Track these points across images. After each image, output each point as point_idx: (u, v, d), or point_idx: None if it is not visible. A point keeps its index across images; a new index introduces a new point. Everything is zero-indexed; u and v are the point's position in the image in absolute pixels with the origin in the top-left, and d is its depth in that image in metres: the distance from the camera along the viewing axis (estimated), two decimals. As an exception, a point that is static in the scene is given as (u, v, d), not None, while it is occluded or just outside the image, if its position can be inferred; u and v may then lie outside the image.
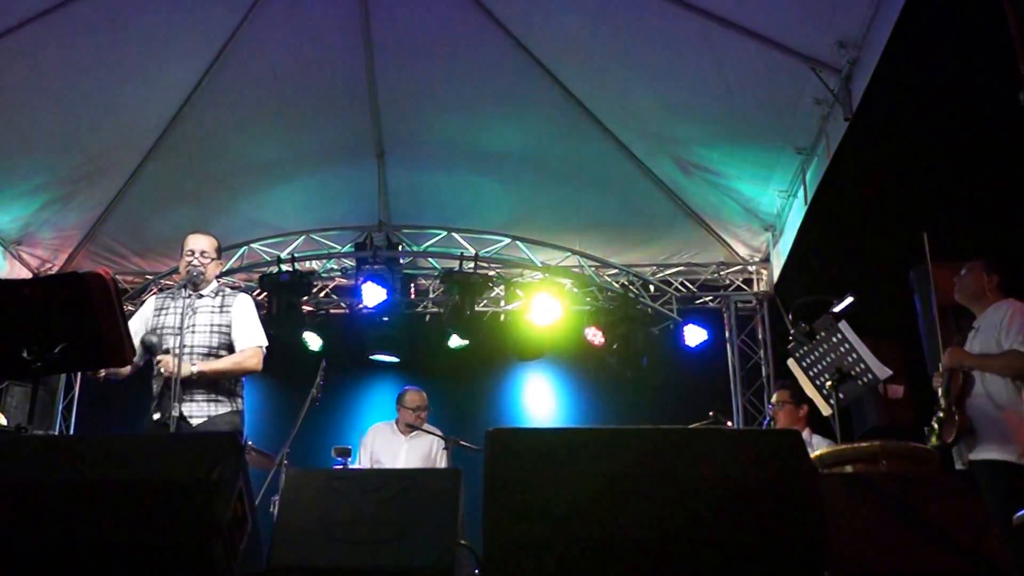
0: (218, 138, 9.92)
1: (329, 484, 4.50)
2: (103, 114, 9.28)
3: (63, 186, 10.05)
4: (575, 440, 3.72)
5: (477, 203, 10.74)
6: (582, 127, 9.70)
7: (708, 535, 3.42)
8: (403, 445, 8.94)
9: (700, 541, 3.40)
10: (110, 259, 11.10)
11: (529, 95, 9.47)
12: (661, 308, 11.16)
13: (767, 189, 9.72)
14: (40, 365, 4.71)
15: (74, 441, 5.63)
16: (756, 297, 11.46)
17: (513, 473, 3.59)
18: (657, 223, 10.81)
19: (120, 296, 4.92)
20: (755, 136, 9.03)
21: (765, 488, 3.46)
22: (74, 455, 3.97)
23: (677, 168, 10.05)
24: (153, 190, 10.36)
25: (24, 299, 4.80)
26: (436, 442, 8.92)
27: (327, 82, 9.42)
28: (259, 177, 10.38)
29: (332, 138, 10.01)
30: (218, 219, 10.10)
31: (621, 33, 8.51)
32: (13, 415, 9.35)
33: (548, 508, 3.48)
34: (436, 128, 9.94)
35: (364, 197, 10.47)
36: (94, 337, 4.80)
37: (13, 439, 5.75)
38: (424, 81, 9.47)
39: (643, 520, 3.44)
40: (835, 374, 6.03)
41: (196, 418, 5.88)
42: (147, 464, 3.84)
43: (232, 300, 6.25)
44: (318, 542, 4.11)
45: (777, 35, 7.75)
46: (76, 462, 3.89)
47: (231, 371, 6.07)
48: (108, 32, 8.41)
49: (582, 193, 10.54)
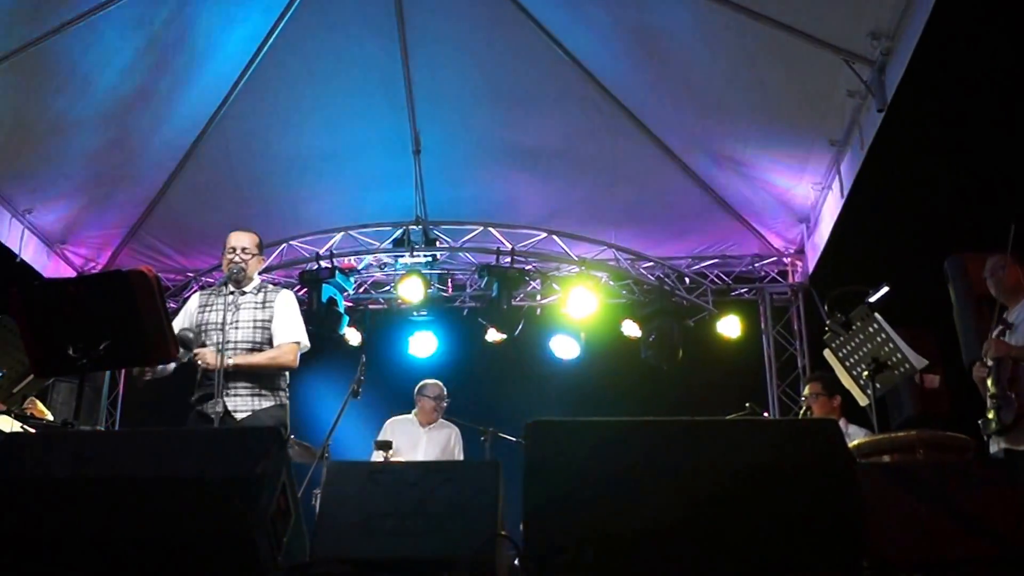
0: (257, 136, 10.03)
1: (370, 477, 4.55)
2: (144, 113, 9.40)
3: (105, 186, 10.19)
4: (614, 431, 3.77)
5: (513, 198, 10.80)
6: (616, 121, 9.75)
7: (748, 525, 3.46)
8: (422, 437, 9.02)
9: (740, 531, 3.44)
10: (152, 257, 11.23)
11: (563, 90, 9.53)
12: (696, 300, 11.16)
13: (801, 181, 9.72)
14: (86, 362, 4.80)
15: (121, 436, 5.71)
16: (791, 289, 11.44)
17: (553, 464, 3.63)
18: (692, 216, 10.83)
19: (163, 293, 5.01)
20: (788, 128, 9.04)
21: (803, 477, 3.49)
22: (121, 450, 4.05)
23: (711, 161, 10.08)
24: (193, 188, 10.49)
25: (70, 297, 4.89)
26: (454, 433, 9.08)
27: (364, 80, 9.51)
28: (298, 175, 10.46)
29: (369, 135, 10.09)
30: (257, 216, 10.20)
31: (654, 27, 8.54)
32: (59, 411, 9.47)
33: (588, 499, 3.53)
34: (472, 124, 10.02)
35: (401, 193, 10.51)
36: (138, 334, 4.88)
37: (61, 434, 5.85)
38: (459, 77, 9.55)
39: (683, 510, 3.48)
40: (871, 364, 6.04)
41: (240, 412, 5.96)
42: (192, 459, 3.90)
43: (274, 296, 6.31)
44: (359, 534, 4.16)
45: (809, 27, 7.75)
46: (123, 457, 3.97)
47: (266, 365, 6.12)
48: (148, 35, 8.53)
49: (617, 187, 10.57)
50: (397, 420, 9.12)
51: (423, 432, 9.05)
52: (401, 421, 9.12)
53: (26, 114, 8.83)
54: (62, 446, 4.15)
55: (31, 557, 3.67)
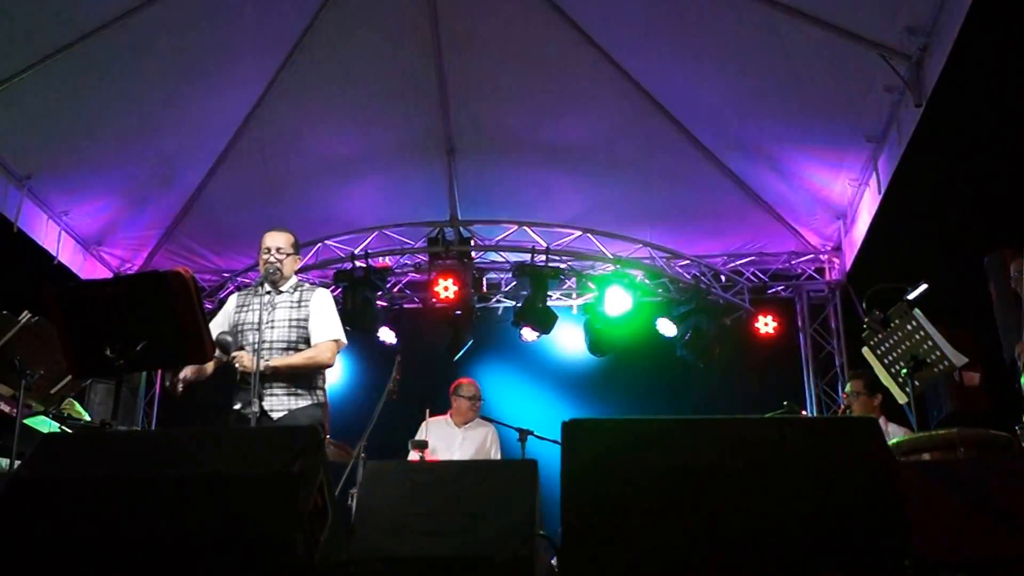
0: (290, 137, 10.06)
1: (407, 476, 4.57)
2: (177, 116, 9.46)
3: (140, 188, 10.27)
4: (652, 430, 3.74)
5: (547, 196, 10.78)
6: (650, 118, 9.71)
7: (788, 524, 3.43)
8: (458, 437, 9.00)
9: (780, 531, 3.41)
10: (187, 258, 11.30)
11: (596, 87, 9.50)
12: (733, 298, 11.11)
13: (838, 177, 9.65)
14: (123, 363, 4.81)
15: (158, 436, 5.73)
16: (828, 286, 11.38)
17: (590, 463, 3.61)
18: (727, 213, 10.77)
19: (200, 294, 5.01)
20: (825, 125, 8.98)
21: (844, 476, 3.45)
22: (158, 450, 4.06)
23: (747, 158, 10.02)
24: (228, 189, 10.55)
25: (107, 298, 4.90)
26: (490, 433, 9.05)
27: (397, 79, 9.51)
28: (332, 175, 10.49)
29: (403, 135, 10.11)
30: (292, 217, 10.23)
31: (687, 23, 8.50)
32: (97, 411, 9.55)
33: (626, 498, 3.51)
34: (505, 122, 10.01)
35: (435, 192, 10.54)
36: (175, 334, 4.88)
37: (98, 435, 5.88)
38: (492, 76, 9.54)
39: (721, 509, 3.45)
40: (910, 362, 5.98)
41: (277, 412, 5.96)
42: (230, 458, 3.91)
43: (310, 295, 6.29)
44: (397, 533, 4.16)
45: (845, 22, 7.68)
46: (160, 457, 3.98)
47: (303, 365, 6.10)
48: (180, 35, 8.56)
49: (652, 184, 10.54)
50: (433, 421, 9.11)
51: (459, 432, 9.04)
52: (437, 422, 9.11)
53: (61, 117, 8.90)
54: (100, 446, 4.17)
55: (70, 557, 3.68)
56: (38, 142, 9.08)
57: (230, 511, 3.64)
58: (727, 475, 3.50)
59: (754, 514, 3.44)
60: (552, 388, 11.57)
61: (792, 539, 3.41)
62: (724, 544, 3.43)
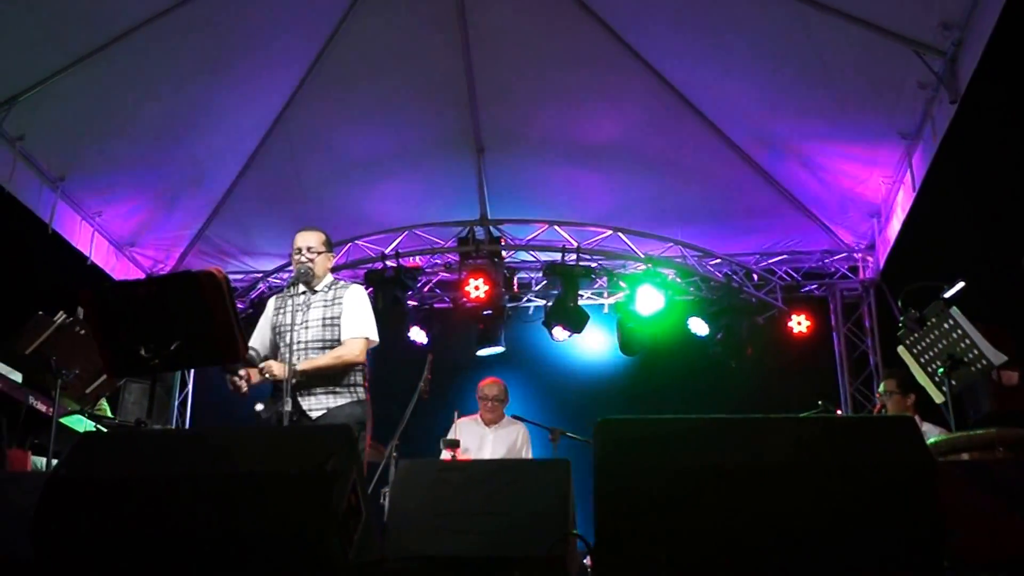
0: (320, 137, 10.09)
1: (440, 475, 4.56)
2: (208, 117, 9.51)
3: (172, 188, 10.33)
4: (685, 429, 3.72)
5: (577, 195, 10.76)
6: (680, 116, 9.67)
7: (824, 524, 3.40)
8: (488, 436, 8.99)
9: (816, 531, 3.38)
10: (219, 258, 11.36)
11: (626, 85, 9.47)
12: (765, 297, 11.06)
13: (871, 174, 9.58)
14: (158, 362, 4.84)
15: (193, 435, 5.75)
16: (862, 284, 11.31)
17: (623, 462, 3.60)
18: (760, 211, 10.71)
19: (232, 293, 5.02)
20: (857, 121, 8.91)
21: (881, 475, 3.42)
22: (194, 449, 4.08)
23: (778, 155, 9.97)
24: (258, 189, 10.59)
25: (141, 298, 4.94)
26: (520, 432, 9.03)
27: (426, 79, 9.52)
28: (361, 174, 10.50)
29: (432, 134, 10.11)
30: (322, 216, 10.23)
31: (717, 20, 8.47)
32: (131, 411, 9.61)
33: (659, 497, 3.49)
34: (534, 121, 10.00)
35: (465, 192, 10.54)
36: (208, 334, 4.91)
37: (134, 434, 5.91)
38: (521, 74, 9.53)
39: (756, 509, 3.43)
40: (947, 361, 5.93)
41: (315, 411, 5.96)
42: (264, 456, 3.92)
43: (344, 292, 6.28)
44: (430, 532, 4.16)
45: (877, 18, 7.62)
46: (196, 455, 4.00)
47: (331, 366, 6.07)
48: (211, 37, 8.61)
49: (683, 182, 10.49)
50: (463, 421, 9.11)
51: (489, 432, 9.03)
52: (467, 422, 9.11)
53: (94, 118, 8.95)
54: (136, 445, 4.19)
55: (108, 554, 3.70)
56: (71, 144, 9.14)
57: (265, 509, 3.65)
58: (762, 474, 3.48)
59: (790, 514, 3.41)
60: (583, 388, 11.53)
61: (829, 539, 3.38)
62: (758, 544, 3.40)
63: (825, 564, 3.36)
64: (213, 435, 4.28)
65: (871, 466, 3.47)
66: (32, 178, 9.16)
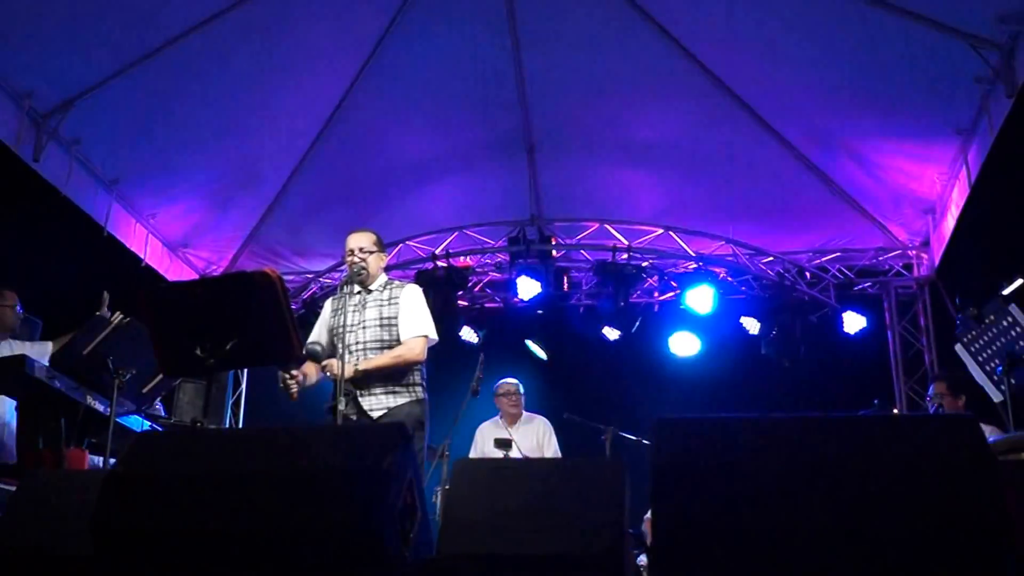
0: (371, 138, 10.12)
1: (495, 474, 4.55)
2: (260, 119, 9.58)
3: (225, 190, 10.42)
4: (744, 428, 3.69)
5: (628, 194, 10.74)
6: (731, 113, 9.61)
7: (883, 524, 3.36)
8: (513, 436, 8.97)
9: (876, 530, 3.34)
10: (271, 259, 11.44)
11: (676, 83, 9.42)
12: (818, 295, 10.96)
13: (926, 170, 9.48)
14: (213, 362, 4.87)
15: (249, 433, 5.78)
16: (917, 282, 11.18)
17: (682, 461, 3.57)
18: (812, 209, 10.62)
19: (287, 293, 5.04)
20: (912, 117, 8.82)
21: (944, 474, 3.38)
22: (250, 447, 4.10)
23: (831, 152, 9.89)
24: (310, 191, 10.66)
25: (197, 298, 4.98)
26: (542, 424, 9.07)
27: (476, 79, 9.51)
28: (412, 175, 10.54)
29: (483, 134, 10.12)
30: (373, 217, 10.31)
31: (767, 17, 8.40)
32: (185, 410, 9.71)
33: (718, 496, 3.46)
34: (584, 120, 9.97)
35: (516, 192, 10.55)
36: (263, 334, 4.94)
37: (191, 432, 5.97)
38: (571, 73, 9.50)
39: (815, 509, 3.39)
40: (1006, 359, 5.85)
41: (376, 411, 5.95)
42: (321, 454, 3.93)
43: (400, 292, 6.28)
44: (485, 531, 4.15)
45: (932, 12, 7.54)
46: (253, 453, 4.01)
47: (391, 365, 6.05)
48: (263, 40, 8.67)
49: (734, 180, 10.44)
50: (485, 427, 9.16)
51: (512, 431, 9.02)
52: (488, 426, 9.16)
53: (148, 121, 9.06)
54: (193, 444, 4.22)
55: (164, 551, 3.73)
56: (126, 147, 9.26)
57: (322, 507, 3.66)
58: (823, 474, 3.44)
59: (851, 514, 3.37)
60: (634, 387, 11.50)
61: (891, 539, 3.34)
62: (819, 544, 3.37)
63: (888, 564, 3.32)
64: (270, 433, 4.29)
65: (933, 465, 3.42)
66: (88, 181, 9.29)
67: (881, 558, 3.31)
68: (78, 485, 4.54)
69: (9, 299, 7.15)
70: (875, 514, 3.35)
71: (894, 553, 3.30)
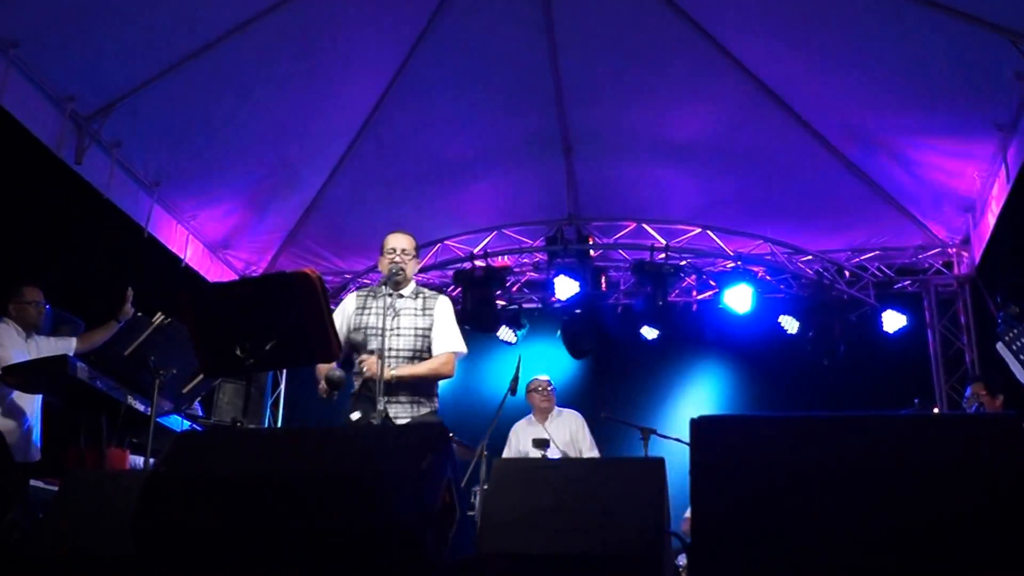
0: (409, 139, 10.14)
1: (534, 473, 4.55)
2: (299, 120, 9.61)
3: (264, 192, 10.47)
4: (784, 427, 3.67)
5: (666, 193, 10.70)
6: (769, 111, 9.55)
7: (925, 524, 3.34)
8: (543, 432, 8.95)
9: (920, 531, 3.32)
10: (309, 259, 11.49)
11: (713, 81, 9.37)
12: (857, 294, 10.90)
13: (965, 167, 9.39)
14: (253, 362, 4.90)
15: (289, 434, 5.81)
16: (957, 280, 11.10)
17: (721, 461, 3.56)
18: (850, 207, 10.55)
19: (327, 294, 5.07)
20: (951, 114, 8.74)
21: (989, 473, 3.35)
22: (290, 446, 4.13)
23: (869, 149, 9.81)
24: (348, 192, 10.69)
25: (237, 299, 5.02)
26: (574, 417, 9.05)
27: (513, 79, 9.52)
28: (450, 175, 10.55)
29: (520, 134, 10.12)
30: (411, 217, 10.35)
31: (804, 12, 8.34)
32: (225, 410, 9.77)
33: (758, 496, 3.45)
34: (622, 120, 9.94)
35: (553, 191, 10.55)
36: (303, 334, 4.96)
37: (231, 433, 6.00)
38: (608, 73, 9.48)
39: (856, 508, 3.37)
40: (1049, 357, 5.80)
41: (401, 419, 5.94)
42: (361, 455, 3.95)
43: (433, 303, 6.28)
44: (524, 530, 4.15)
45: (971, 7, 7.46)
46: (293, 453, 4.04)
47: (427, 376, 6.10)
48: (301, 41, 8.69)
49: (772, 179, 10.38)
50: (519, 425, 9.16)
51: (544, 428, 9.02)
52: (521, 425, 9.18)
53: (188, 124, 9.12)
54: (233, 444, 4.25)
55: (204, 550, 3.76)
56: (166, 149, 9.32)
57: (360, 507, 3.68)
58: (864, 473, 3.42)
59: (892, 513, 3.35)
60: (672, 386, 11.49)
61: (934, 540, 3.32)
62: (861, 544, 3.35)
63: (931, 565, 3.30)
64: (310, 434, 4.33)
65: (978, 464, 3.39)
66: (129, 183, 9.35)
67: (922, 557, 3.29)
68: (119, 485, 4.59)
69: (31, 295, 7.21)
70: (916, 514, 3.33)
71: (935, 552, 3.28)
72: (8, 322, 7.09)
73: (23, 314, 7.15)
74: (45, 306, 7.26)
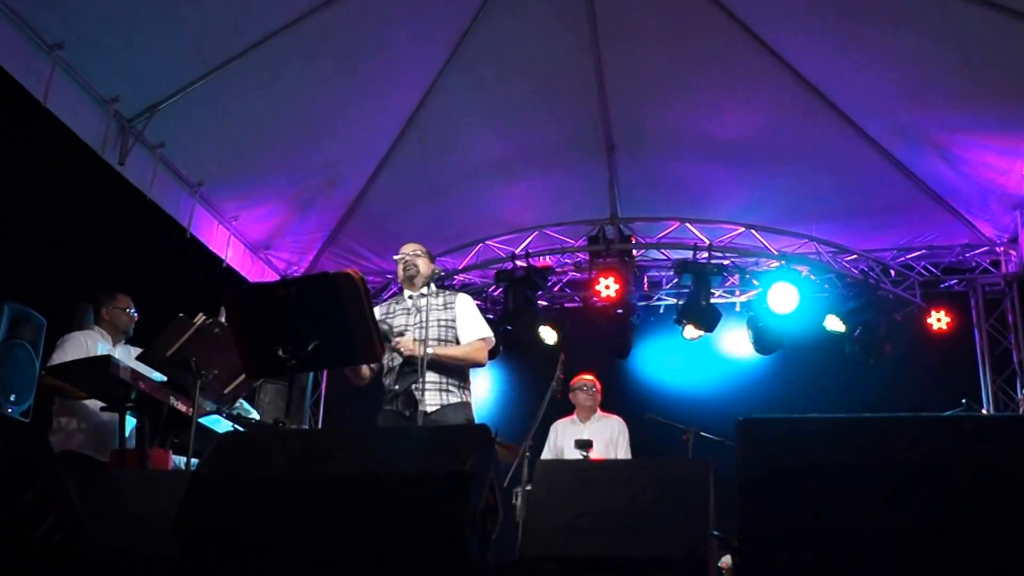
0: (451, 138, 10.13)
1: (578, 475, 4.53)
2: (341, 120, 9.62)
3: (306, 192, 10.49)
4: (830, 428, 3.62)
5: (709, 192, 10.63)
6: (813, 109, 9.46)
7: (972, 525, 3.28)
8: (584, 433, 8.93)
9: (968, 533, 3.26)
10: (351, 260, 11.50)
11: (757, 79, 9.30)
12: (903, 293, 10.80)
13: (1014, 165, 9.28)
14: (295, 362, 4.90)
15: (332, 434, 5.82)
16: (1005, 279, 10.96)
17: (767, 462, 3.52)
18: (896, 205, 10.44)
19: (369, 294, 5.07)
20: (998, 110, 8.66)
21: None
22: (333, 447, 4.12)
23: (915, 147, 9.71)
24: (390, 192, 10.68)
25: (280, 300, 5.02)
26: (616, 424, 9.03)
27: (556, 78, 9.49)
28: (492, 175, 10.52)
29: (562, 133, 10.09)
30: (453, 217, 10.35)
31: (850, 9, 8.27)
32: (266, 411, 9.79)
33: (802, 498, 3.40)
34: (665, 118, 9.89)
35: (595, 191, 10.49)
36: (346, 335, 4.97)
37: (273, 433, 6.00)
38: (651, 71, 9.43)
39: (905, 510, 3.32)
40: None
41: (430, 406, 5.99)
42: (403, 457, 3.94)
43: (453, 298, 6.46)
44: (568, 532, 4.14)
45: (1018, 3, 7.38)
46: (336, 454, 4.04)
47: (461, 359, 6.25)
48: (344, 42, 8.71)
49: (816, 177, 10.28)
50: (560, 423, 9.17)
51: (585, 428, 9.01)
52: (563, 423, 9.19)
53: (231, 125, 9.15)
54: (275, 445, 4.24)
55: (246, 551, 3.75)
56: (209, 150, 9.37)
57: (403, 508, 3.66)
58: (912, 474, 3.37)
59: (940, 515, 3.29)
60: (716, 387, 11.41)
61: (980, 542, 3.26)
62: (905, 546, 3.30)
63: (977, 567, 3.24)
64: (353, 435, 4.32)
65: None
66: (172, 184, 9.41)
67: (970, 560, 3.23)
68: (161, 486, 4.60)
69: (122, 302, 7.29)
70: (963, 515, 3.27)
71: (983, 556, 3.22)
72: (96, 328, 7.18)
73: (116, 320, 7.23)
74: (135, 313, 7.34)
